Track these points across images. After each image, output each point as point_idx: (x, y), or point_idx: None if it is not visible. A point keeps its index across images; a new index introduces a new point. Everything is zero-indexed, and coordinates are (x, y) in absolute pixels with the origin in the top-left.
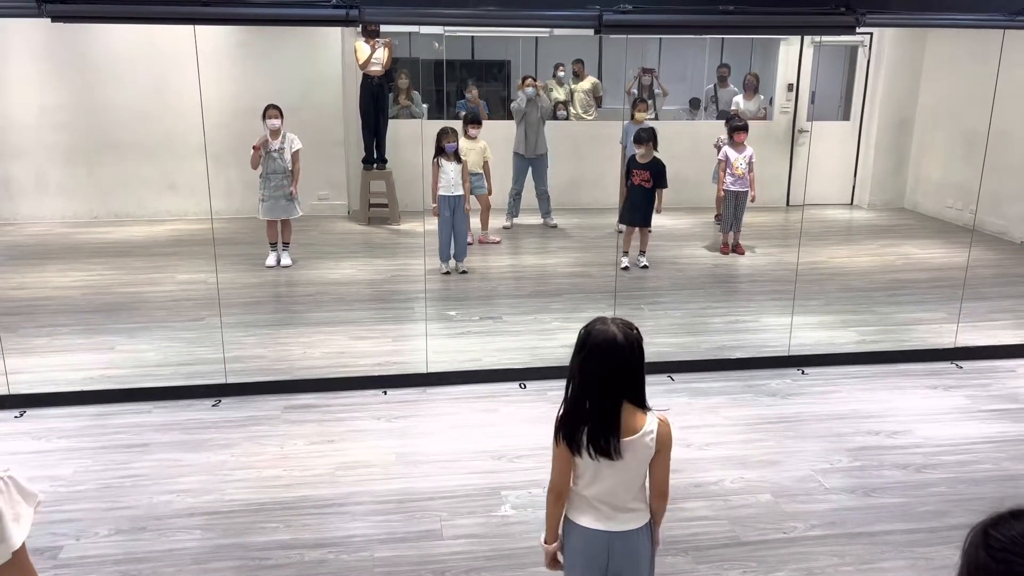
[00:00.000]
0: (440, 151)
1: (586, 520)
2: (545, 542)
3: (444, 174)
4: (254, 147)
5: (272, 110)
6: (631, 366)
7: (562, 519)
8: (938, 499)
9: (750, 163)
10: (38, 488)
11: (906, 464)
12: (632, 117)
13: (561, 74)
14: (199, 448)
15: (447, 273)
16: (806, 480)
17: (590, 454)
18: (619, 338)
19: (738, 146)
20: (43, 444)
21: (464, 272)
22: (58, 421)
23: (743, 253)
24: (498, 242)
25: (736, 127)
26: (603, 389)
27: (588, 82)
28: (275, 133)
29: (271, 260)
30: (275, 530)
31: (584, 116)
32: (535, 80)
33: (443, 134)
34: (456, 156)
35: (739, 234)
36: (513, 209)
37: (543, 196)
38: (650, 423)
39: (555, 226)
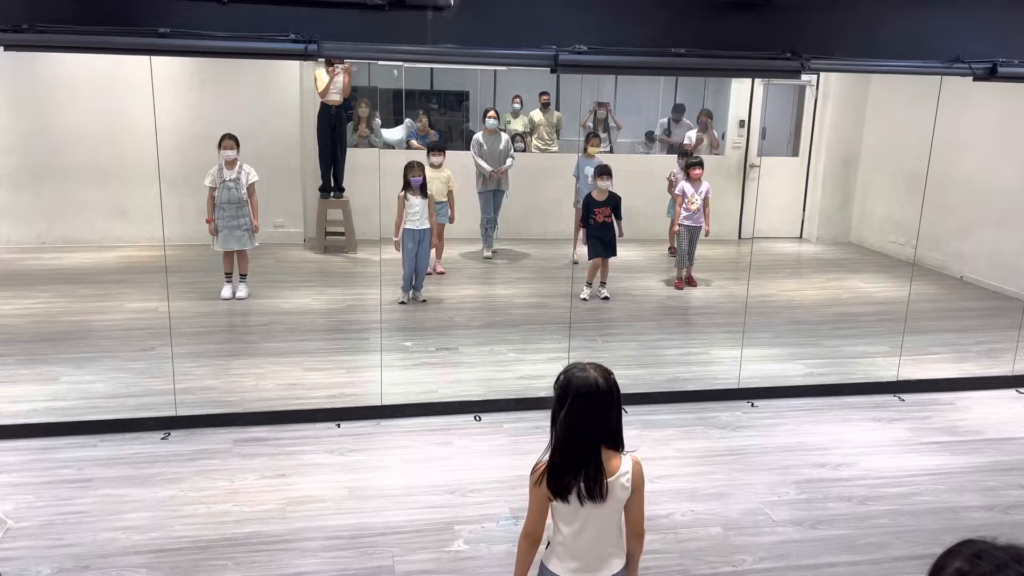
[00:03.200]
0: (407, 184)
1: (563, 569)
2: None
3: (410, 207)
4: (207, 220)
5: (228, 140)
6: (611, 411)
7: (538, 568)
8: (880, 531)
9: (705, 198)
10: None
11: (850, 496)
12: (584, 151)
13: (517, 106)
14: (146, 483)
15: (404, 303)
16: (754, 513)
17: (579, 499)
18: (600, 384)
19: (694, 182)
20: None
21: (424, 301)
22: None
23: (696, 285)
24: (443, 272)
25: (692, 163)
26: (586, 434)
27: (555, 115)
28: (231, 163)
29: (226, 292)
30: (224, 568)
31: (549, 148)
32: (496, 113)
33: (409, 168)
34: (423, 190)
35: (691, 267)
36: (488, 239)
37: (491, 224)
38: (625, 464)
39: (491, 256)
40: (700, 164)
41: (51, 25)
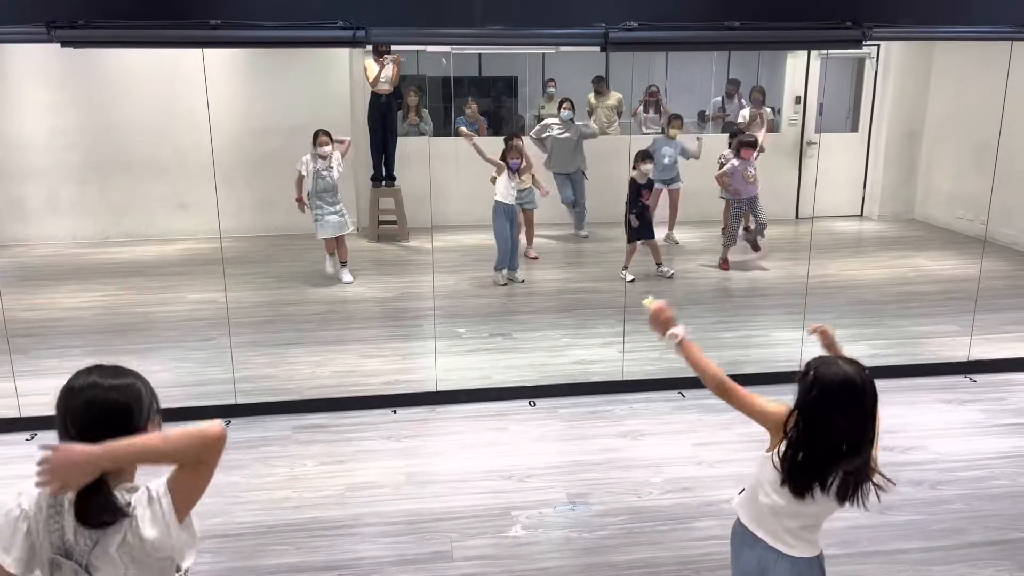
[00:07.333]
0: (504, 158)
1: (761, 531)
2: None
3: (501, 181)
4: (296, 199)
5: (323, 136)
6: (873, 409)
7: (734, 523)
8: (954, 516)
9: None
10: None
11: (921, 480)
12: (665, 132)
13: (552, 90)
14: None
15: (503, 284)
16: None
17: (838, 497)
18: (859, 379)
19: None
20: None
21: (522, 281)
22: None
23: (759, 250)
24: (536, 258)
25: (744, 143)
26: (852, 438)
27: (613, 98)
28: (324, 156)
29: (330, 267)
30: (285, 553)
31: (607, 131)
32: (571, 104)
33: (508, 150)
34: (517, 173)
35: (761, 231)
36: (578, 220)
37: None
38: None
39: (586, 236)
40: (753, 144)
41: (105, 21)
